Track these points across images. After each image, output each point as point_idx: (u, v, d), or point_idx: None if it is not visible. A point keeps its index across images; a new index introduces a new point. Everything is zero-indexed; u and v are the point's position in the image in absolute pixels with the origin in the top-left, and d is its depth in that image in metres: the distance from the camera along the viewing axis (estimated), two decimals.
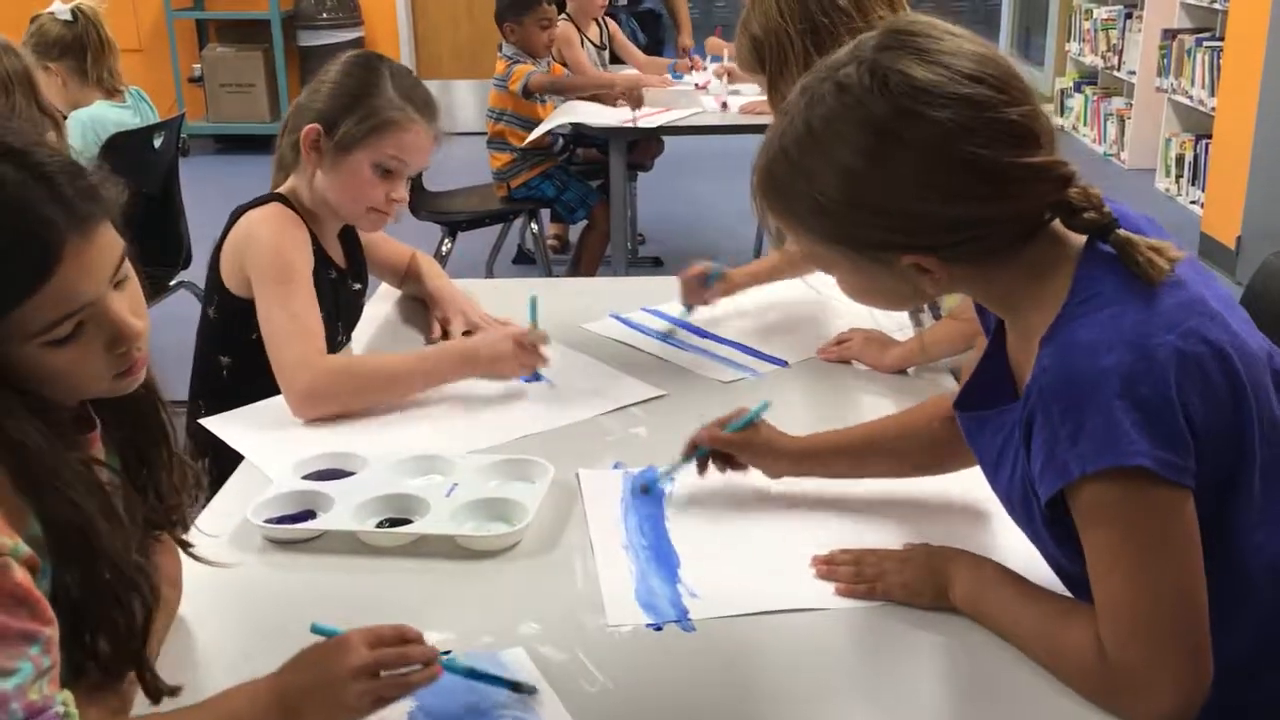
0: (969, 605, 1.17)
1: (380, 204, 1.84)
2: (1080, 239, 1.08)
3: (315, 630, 1.04)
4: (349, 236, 2.02)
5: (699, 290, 2.05)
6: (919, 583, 1.20)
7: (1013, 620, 1.13)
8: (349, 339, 2.01)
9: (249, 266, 1.79)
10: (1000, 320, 1.18)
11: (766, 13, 1.70)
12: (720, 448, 1.43)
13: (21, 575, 0.88)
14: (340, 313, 1.97)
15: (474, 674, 1.07)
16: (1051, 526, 1.08)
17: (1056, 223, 1.07)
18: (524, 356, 1.75)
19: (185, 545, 1.17)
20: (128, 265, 1.00)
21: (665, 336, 2.00)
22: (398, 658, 1.01)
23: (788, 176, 1.10)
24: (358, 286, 2.03)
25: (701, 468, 1.44)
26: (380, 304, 2.18)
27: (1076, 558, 1.06)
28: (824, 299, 2.12)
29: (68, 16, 3.18)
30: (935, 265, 1.07)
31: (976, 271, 1.09)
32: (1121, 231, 1.05)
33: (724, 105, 4.27)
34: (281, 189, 1.88)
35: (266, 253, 1.77)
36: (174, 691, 1.03)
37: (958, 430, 1.24)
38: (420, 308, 2.12)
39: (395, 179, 1.84)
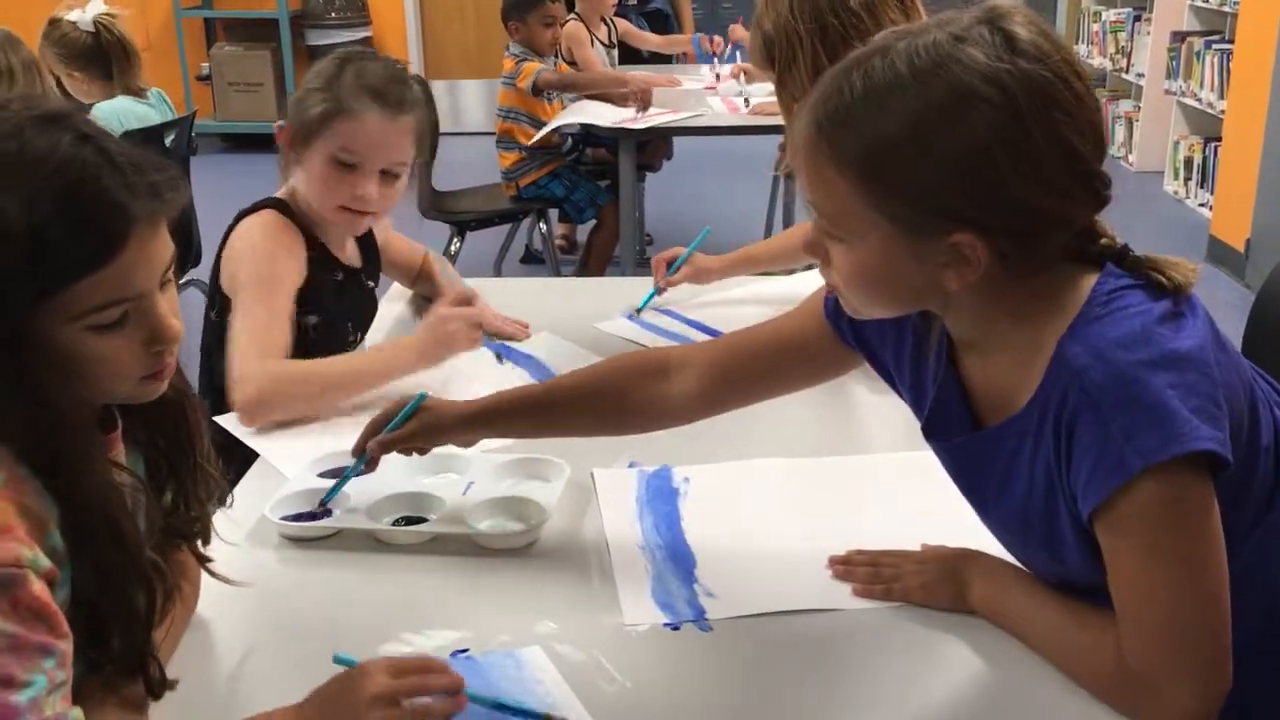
0: (987, 608, 1.17)
1: (347, 201, 1.80)
2: (1084, 274, 1.05)
3: (336, 660, 1.04)
4: (367, 233, 2.01)
5: (665, 273, 2.12)
6: (937, 585, 1.20)
7: (1031, 624, 1.13)
8: (361, 337, 2.00)
9: (229, 275, 1.79)
10: (948, 350, 1.15)
11: (778, 10, 1.70)
12: (394, 449, 1.36)
13: (39, 588, 0.87)
14: (353, 313, 1.96)
15: (501, 706, 1.04)
16: (1083, 538, 1.05)
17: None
18: (468, 324, 1.76)
19: (203, 560, 1.16)
20: (172, 269, 1.01)
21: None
22: (418, 686, 0.99)
23: (869, 118, 1.01)
24: (371, 284, 2.03)
25: (371, 467, 1.38)
26: (393, 304, 2.18)
27: (1101, 570, 1.03)
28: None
29: (90, 28, 3.19)
30: (982, 255, 1.01)
31: (998, 283, 1.04)
32: (1135, 254, 1.05)
33: (746, 102, 4.27)
34: (280, 192, 1.87)
35: (241, 263, 1.77)
36: (172, 685, 1.03)
37: (656, 390, 1.31)
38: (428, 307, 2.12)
39: (358, 174, 1.78)
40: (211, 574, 1.17)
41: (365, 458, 1.36)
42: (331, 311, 1.89)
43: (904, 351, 1.21)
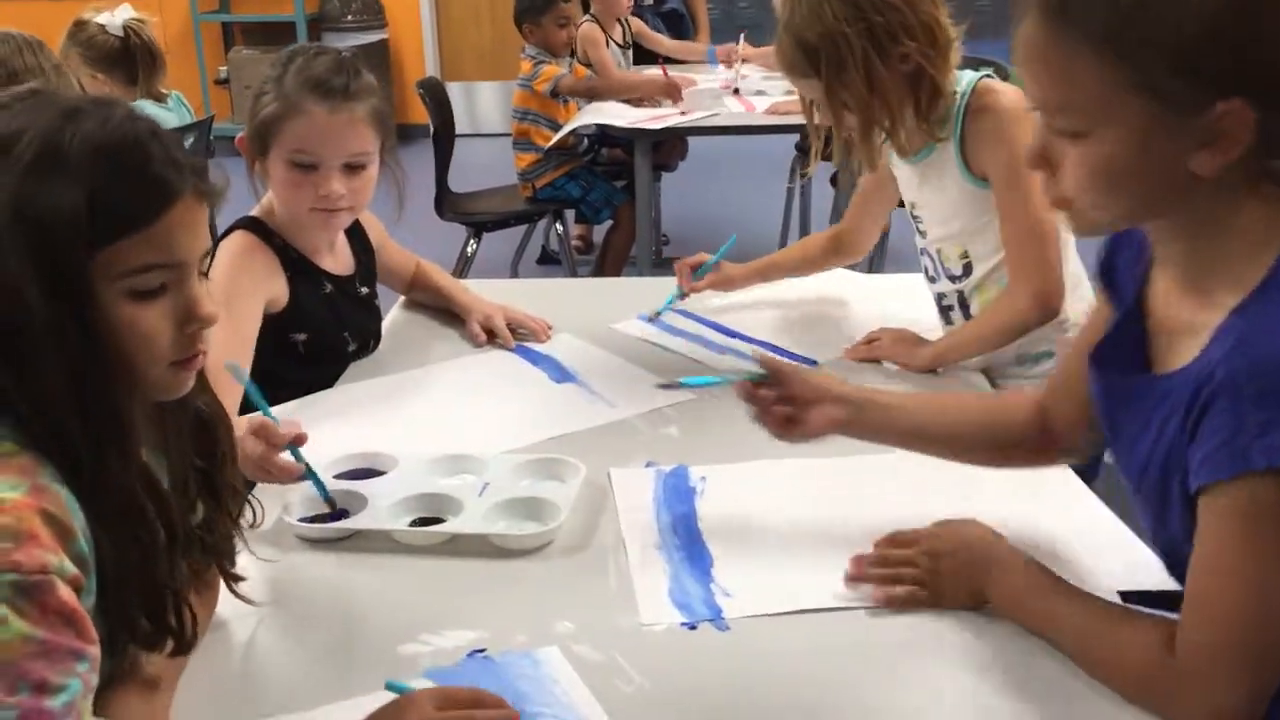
0: (1007, 606, 1.16)
1: (315, 203, 1.75)
2: None
3: (389, 687, 1.04)
4: (357, 237, 2.00)
5: (689, 278, 2.11)
6: (950, 583, 1.19)
7: (1057, 621, 1.11)
8: (366, 345, 1.96)
9: None
10: (1140, 286, 1.11)
11: (819, 17, 1.68)
12: (775, 366, 1.35)
13: (67, 593, 0.88)
14: (348, 324, 1.92)
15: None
16: (1189, 509, 1.00)
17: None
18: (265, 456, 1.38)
19: (231, 581, 1.17)
20: (208, 261, 1.03)
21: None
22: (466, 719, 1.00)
23: None
24: (365, 291, 1.99)
25: (746, 392, 1.35)
26: (404, 311, 2.18)
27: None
28: (852, 298, 2.12)
29: (119, 32, 3.19)
30: (1246, 125, 0.92)
31: (1245, 180, 0.96)
32: None
33: (735, 91, 4.38)
34: (256, 209, 1.84)
35: (211, 289, 1.75)
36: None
37: (1040, 428, 1.20)
38: (438, 314, 2.13)
39: (319, 173, 1.73)
40: (237, 595, 1.18)
41: (753, 375, 1.35)
42: (323, 325, 1.86)
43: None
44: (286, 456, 1.36)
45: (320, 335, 1.86)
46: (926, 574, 1.20)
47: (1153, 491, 1.06)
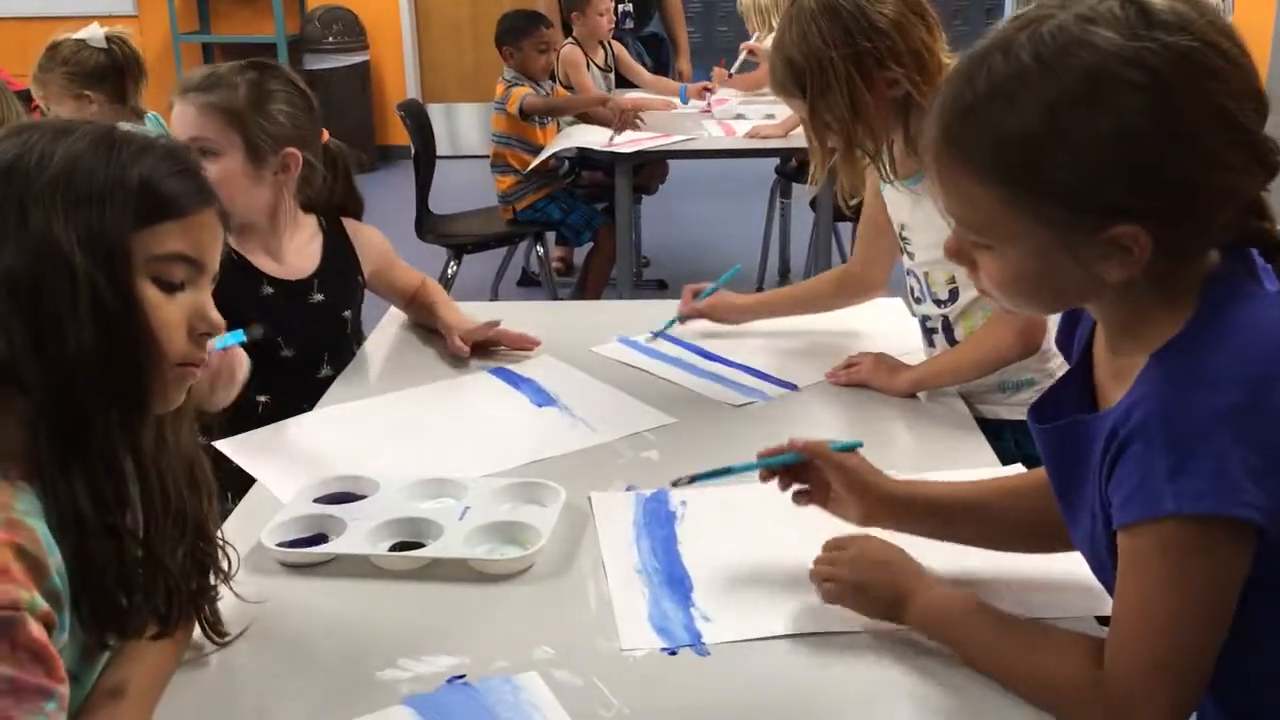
0: (926, 625, 1.16)
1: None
2: (1210, 256, 1.00)
3: None
4: (338, 247, 2.01)
5: (690, 302, 2.11)
6: (869, 592, 1.19)
7: (981, 644, 1.12)
8: (314, 357, 1.96)
9: None
10: (1089, 335, 1.12)
11: (806, 37, 1.69)
12: (819, 459, 1.29)
13: (37, 630, 0.87)
14: (281, 328, 1.92)
15: None
16: (1114, 552, 1.02)
17: None
18: None
19: (210, 626, 1.17)
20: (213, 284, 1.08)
21: (650, 344, 2.07)
22: None
23: (998, 116, 0.95)
24: (321, 298, 2.00)
25: (774, 476, 1.32)
26: (391, 327, 2.18)
27: None
28: (832, 322, 2.12)
29: (102, 44, 3.16)
30: (1145, 244, 0.94)
31: (1160, 270, 0.97)
32: None
33: (708, 108, 4.49)
34: None
35: None
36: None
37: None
38: (423, 335, 2.13)
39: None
40: (216, 643, 1.18)
41: (794, 457, 1.30)
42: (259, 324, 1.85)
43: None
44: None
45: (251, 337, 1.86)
46: (849, 579, 1.21)
47: (1086, 530, 1.07)
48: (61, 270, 0.93)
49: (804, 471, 1.33)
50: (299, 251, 2.00)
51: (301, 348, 1.96)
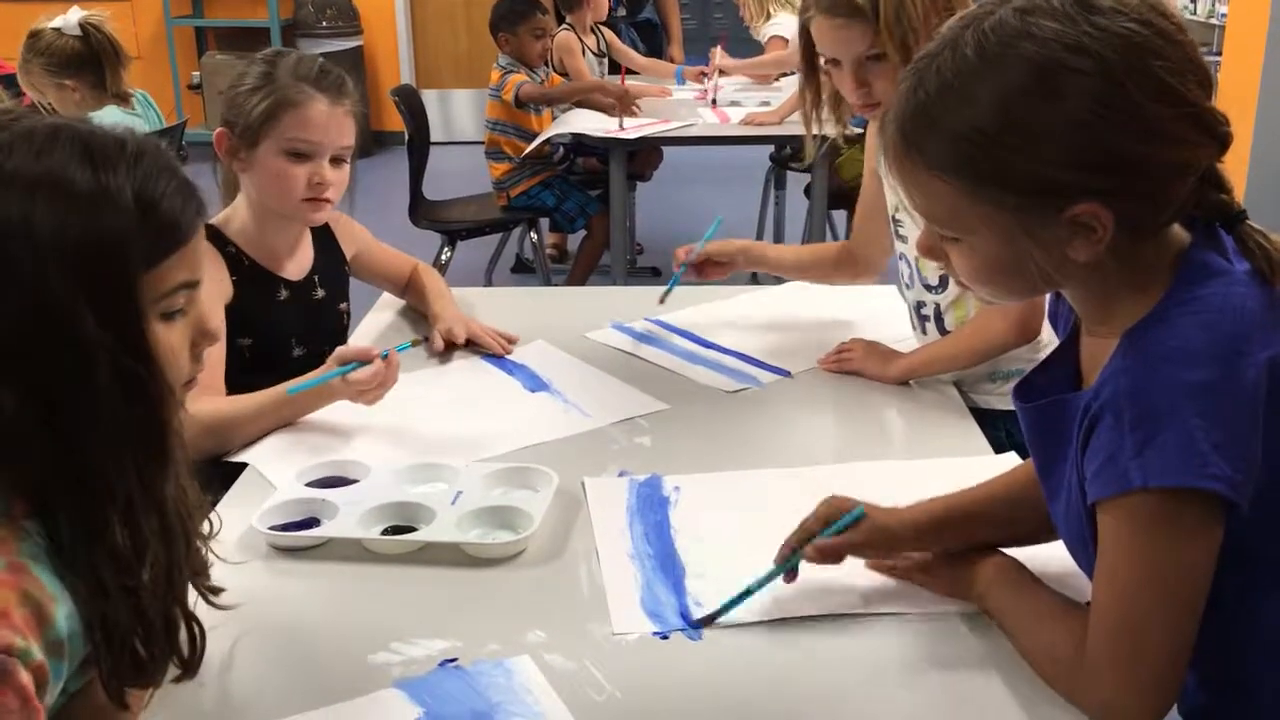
0: (984, 598, 1.19)
1: (307, 191, 1.81)
2: (1180, 236, 1.02)
3: None
4: (324, 238, 2.00)
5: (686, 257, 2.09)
6: (940, 565, 1.24)
7: (1013, 614, 1.15)
8: (319, 353, 1.88)
9: None
10: (1075, 316, 1.14)
11: None
12: (832, 559, 1.24)
13: (26, 679, 0.84)
14: (296, 331, 1.92)
15: None
16: (1092, 528, 1.04)
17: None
18: (377, 389, 1.65)
19: (208, 594, 1.11)
20: None
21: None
22: None
23: (952, 112, 0.98)
24: (322, 294, 1.99)
25: (792, 577, 1.25)
26: (381, 313, 2.18)
27: None
28: (824, 309, 2.13)
29: (76, 31, 3.14)
30: (1107, 221, 0.97)
31: (1126, 248, 1.00)
32: (1252, 223, 1.01)
33: (713, 103, 4.39)
34: (217, 218, 1.87)
35: None
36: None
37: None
38: (415, 321, 2.12)
39: (312, 161, 1.80)
40: (215, 605, 1.12)
41: (788, 565, 1.24)
42: (269, 332, 1.88)
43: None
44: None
45: (266, 341, 1.88)
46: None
47: (1065, 509, 1.09)
48: (71, 336, 0.86)
49: None
50: (304, 246, 1.98)
51: (310, 347, 1.94)
